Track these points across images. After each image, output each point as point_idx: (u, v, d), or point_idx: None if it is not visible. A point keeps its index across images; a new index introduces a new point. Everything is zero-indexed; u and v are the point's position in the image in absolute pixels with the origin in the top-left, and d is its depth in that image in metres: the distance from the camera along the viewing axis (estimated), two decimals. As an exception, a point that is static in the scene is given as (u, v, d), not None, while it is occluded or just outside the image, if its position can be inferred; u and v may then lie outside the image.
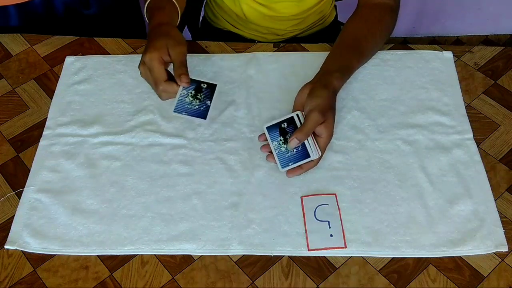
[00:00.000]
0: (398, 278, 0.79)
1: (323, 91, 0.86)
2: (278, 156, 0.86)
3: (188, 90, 0.88)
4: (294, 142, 0.83)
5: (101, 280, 0.80)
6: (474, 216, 0.84)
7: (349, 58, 0.95)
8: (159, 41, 0.86)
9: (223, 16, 1.21)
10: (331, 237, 0.82)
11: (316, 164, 0.87)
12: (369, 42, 0.97)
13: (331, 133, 0.86)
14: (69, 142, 0.94)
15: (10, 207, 0.87)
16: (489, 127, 0.95)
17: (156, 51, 0.84)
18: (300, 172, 0.86)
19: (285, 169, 0.86)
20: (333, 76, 0.90)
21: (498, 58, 1.05)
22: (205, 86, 0.89)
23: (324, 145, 0.86)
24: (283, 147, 0.86)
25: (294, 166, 0.85)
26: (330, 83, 0.89)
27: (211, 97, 0.89)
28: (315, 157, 0.85)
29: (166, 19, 0.92)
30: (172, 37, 0.87)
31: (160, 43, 0.85)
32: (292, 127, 0.87)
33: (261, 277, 0.80)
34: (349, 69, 0.94)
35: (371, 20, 0.99)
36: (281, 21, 1.14)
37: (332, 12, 1.26)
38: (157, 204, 0.86)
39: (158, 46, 0.85)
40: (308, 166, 0.86)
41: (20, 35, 1.10)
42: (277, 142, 0.86)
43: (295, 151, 0.85)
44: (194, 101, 0.88)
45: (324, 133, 0.85)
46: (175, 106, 0.88)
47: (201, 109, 0.88)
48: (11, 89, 1.02)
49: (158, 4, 0.95)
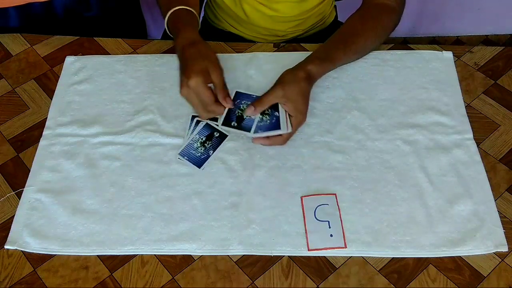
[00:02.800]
0: (398, 278, 0.79)
1: (294, 71, 0.91)
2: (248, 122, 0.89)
3: (200, 136, 0.92)
4: (250, 109, 0.88)
5: (101, 280, 0.80)
6: (474, 216, 0.84)
7: (335, 49, 0.97)
8: (199, 64, 0.88)
9: (223, 16, 1.21)
10: (331, 237, 0.82)
11: (284, 143, 0.90)
12: (360, 38, 0.98)
13: (300, 114, 0.89)
14: (69, 142, 0.94)
15: (10, 207, 0.87)
16: (489, 127, 0.95)
17: (201, 75, 0.86)
18: (267, 143, 0.90)
19: (254, 135, 0.89)
20: (312, 62, 0.93)
21: (498, 58, 1.05)
22: (217, 135, 0.91)
23: (293, 123, 0.89)
24: (258, 117, 0.90)
25: (263, 134, 0.89)
26: (305, 67, 0.92)
27: (216, 147, 0.91)
28: (284, 131, 0.88)
29: (196, 36, 0.94)
30: (210, 58, 0.89)
31: (201, 66, 0.87)
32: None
33: (261, 277, 0.80)
34: (332, 59, 0.96)
35: (366, 18, 1.00)
36: (282, 22, 1.14)
37: (332, 12, 1.26)
38: (157, 204, 0.86)
39: (200, 69, 0.87)
40: (275, 141, 0.90)
41: (20, 35, 1.10)
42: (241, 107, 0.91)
43: (268, 122, 0.89)
44: (199, 148, 0.90)
45: (293, 112, 0.88)
46: (182, 149, 0.90)
47: (201, 157, 0.90)
48: (11, 89, 1.02)
49: (182, 19, 0.96)
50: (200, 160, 0.90)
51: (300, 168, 0.90)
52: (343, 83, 1.00)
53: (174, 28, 0.96)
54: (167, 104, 0.98)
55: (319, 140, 0.93)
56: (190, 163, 0.90)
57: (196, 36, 0.93)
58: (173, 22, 0.96)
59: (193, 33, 0.94)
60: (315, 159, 0.91)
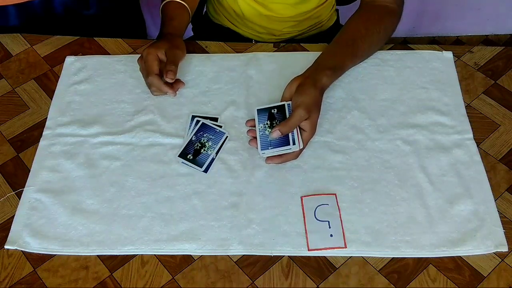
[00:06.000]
0: (398, 278, 0.79)
1: (311, 89, 0.89)
2: (261, 138, 0.88)
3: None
4: (277, 133, 0.86)
5: (101, 280, 0.80)
6: (474, 216, 0.84)
7: (343, 57, 0.96)
8: (160, 42, 0.96)
9: (222, 12, 1.21)
10: (331, 237, 0.82)
11: (296, 158, 0.89)
12: (365, 43, 0.98)
13: (314, 129, 0.88)
14: (69, 142, 0.94)
15: (10, 207, 0.87)
16: (489, 127, 0.95)
17: (154, 48, 0.94)
18: (279, 161, 0.88)
19: (264, 152, 0.87)
20: (324, 73, 0.92)
21: (498, 58, 1.05)
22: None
23: (306, 138, 0.88)
24: (267, 130, 0.89)
25: (274, 151, 0.87)
26: (319, 81, 0.91)
27: (217, 147, 0.91)
28: (296, 149, 0.86)
29: (174, 30, 1.00)
30: (173, 42, 0.96)
31: (161, 44, 0.95)
32: (280, 114, 0.90)
33: (261, 277, 0.80)
34: (341, 68, 0.96)
35: (370, 21, 0.99)
36: (277, 21, 1.14)
37: (332, 16, 1.26)
38: (157, 204, 0.86)
39: (157, 45, 0.95)
40: (288, 157, 0.88)
41: (20, 35, 1.10)
42: (263, 125, 0.90)
43: (278, 138, 0.87)
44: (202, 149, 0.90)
45: (307, 128, 0.87)
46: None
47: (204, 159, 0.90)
48: (11, 89, 1.02)
49: (171, 12, 1.02)
50: (204, 161, 0.90)
51: (300, 168, 0.90)
52: (343, 83, 1.00)
53: (162, 19, 1.02)
54: (167, 104, 0.98)
55: (319, 140, 0.93)
56: (193, 166, 0.90)
57: (173, 30, 0.99)
58: (163, 14, 1.03)
59: (172, 29, 1.00)
60: (315, 159, 0.91)
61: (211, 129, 0.93)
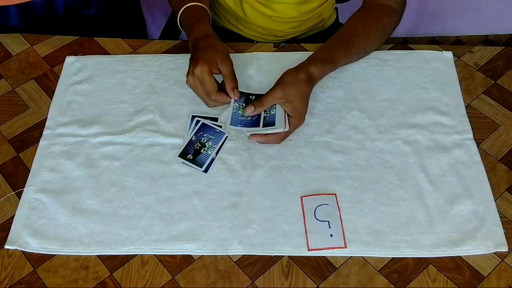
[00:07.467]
0: (398, 278, 0.79)
1: (295, 72, 0.91)
2: (232, 115, 0.93)
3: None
4: (250, 109, 0.90)
5: (101, 280, 0.80)
6: (474, 216, 0.84)
7: (336, 51, 0.96)
8: (208, 54, 0.90)
9: (224, 15, 1.21)
10: (331, 237, 0.82)
11: (280, 141, 0.91)
12: (361, 39, 0.98)
13: (299, 115, 0.89)
14: (69, 142, 0.94)
15: (10, 207, 0.87)
16: (489, 127, 0.95)
17: (207, 64, 0.88)
18: (262, 140, 0.91)
19: (249, 130, 0.91)
20: (314, 64, 0.93)
21: (498, 58, 1.05)
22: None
23: (293, 123, 0.89)
24: (240, 110, 0.94)
25: (257, 129, 0.90)
26: (307, 68, 0.92)
27: (217, 147, 0.92)
28: (281, 129, 0.88)
29: (209, 30, 0.95)
30: (220, 50, 0.91)
31: (209, 57, 0.89)
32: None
33: (261, 277, 0.80)
34: (333, 61, 0.96)
35: (368, 19, 1.00)
36: (280, 22, 1.14)
37: (333, 15, 1.26)
38: (157, 204, 0.86)
39: (207, 59, 0.89)
40: (271, 139, 0.90)
41: (20, 35, 1.10)
42: (238, 104, 0.94)
43: (249, 118, 0.91)
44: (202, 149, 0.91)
45: (292, 113, 0.89)
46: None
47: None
48: (11, 89, 1.02)
49: (195, 14, 0.98)
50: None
51: (300, 168, 0.90)
52: (343, 83, 1.00)
53: (187, 23, 0.97)
54: (167, 104, 0.98)
55: (319, 140, 0.93)
56: (193, 166, 0.90)
57: (209, 30, 0.95)
58: (186, 18, 0.98)
59: (206, 28, 0.96)
60: (315, 159, 0.91)
61: (211, 129, 0.93)
